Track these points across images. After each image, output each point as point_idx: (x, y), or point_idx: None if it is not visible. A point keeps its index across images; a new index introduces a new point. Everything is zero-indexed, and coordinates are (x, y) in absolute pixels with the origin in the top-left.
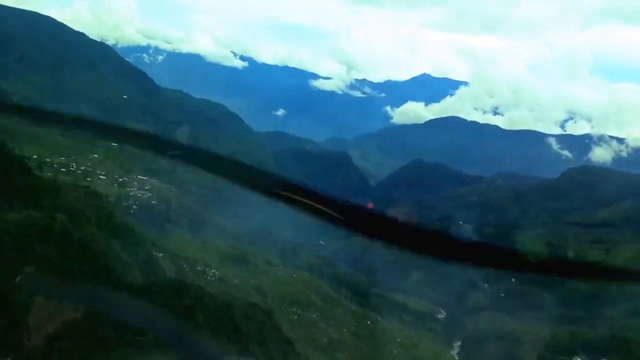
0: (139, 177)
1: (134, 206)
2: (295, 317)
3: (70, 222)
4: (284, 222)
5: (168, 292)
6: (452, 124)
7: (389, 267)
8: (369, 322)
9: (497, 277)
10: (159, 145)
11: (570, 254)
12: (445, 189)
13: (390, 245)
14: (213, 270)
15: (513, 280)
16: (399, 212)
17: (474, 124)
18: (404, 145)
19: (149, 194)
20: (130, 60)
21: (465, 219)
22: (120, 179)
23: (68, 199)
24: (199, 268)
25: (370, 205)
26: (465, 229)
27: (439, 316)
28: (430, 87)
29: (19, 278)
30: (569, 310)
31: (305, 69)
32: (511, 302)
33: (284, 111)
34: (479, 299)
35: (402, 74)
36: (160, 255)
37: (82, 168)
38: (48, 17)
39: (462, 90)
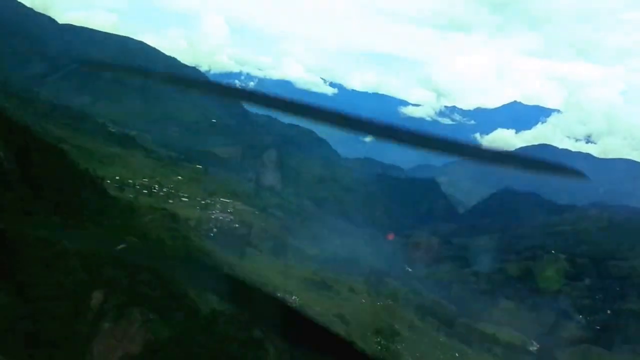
0: (222, 199)
1: (214, 229)
2: (379, 347)
3: (141, 245)
4: (369, 248)
5: (237, 323)
6: (543, 151)
7: (477, 295)
8: (457, 355)
9: (591, 309)
10: None
11: None
12: (536, 217)
13: None
14: (294, 297)
15: (609, 312)
16: (488, 240)
17: (566, 152)
18: (493, 172)
19: (231, 217)
20: None
21: (557, 248)
22: (203, 202)
23: (143, 221)
24: (278, 294)
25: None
26: (559, 259)
27: (532, 348)
28: (521, 115)
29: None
30: None
31: (394, 96)
32: (608, 335)
33: (372, 137)
34: (574, 330)
35: (492, 101)
36: None
37: (164, 190)
38: (141, 42)
39: (554, 117)
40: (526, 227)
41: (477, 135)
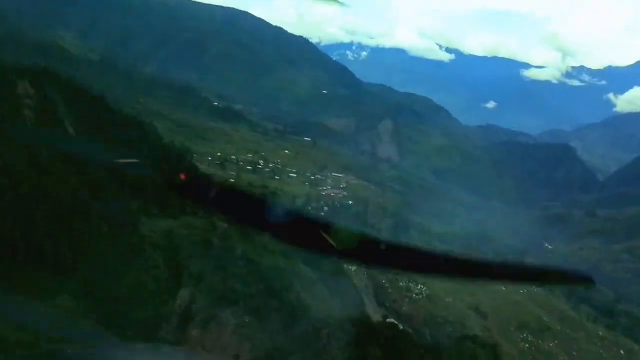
0: (333, 174)
1: (326, 208)
2: (527, 346)
3: (234, 232)
4: (502, 223)
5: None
6: None
7: (635, 277)
8: (622, 352)
9: None
10: None
11: None
12: None
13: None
14: (420, 286)
15: None
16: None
17: None
18: (634, 135)
19: (344, 194)
20: (335, 58)
21: None
22: (313, 177)
23: None
24: (401, 284)
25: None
26: None
27: None
28: None
29: None
30: None
31: (516, 59)
32: None
33: (494, 104)
34: None
35: (625, 59)
36: (353, 268)
37: (270, 166)
38: (246, 13)
39: None
40: None
41: (611, 96)
